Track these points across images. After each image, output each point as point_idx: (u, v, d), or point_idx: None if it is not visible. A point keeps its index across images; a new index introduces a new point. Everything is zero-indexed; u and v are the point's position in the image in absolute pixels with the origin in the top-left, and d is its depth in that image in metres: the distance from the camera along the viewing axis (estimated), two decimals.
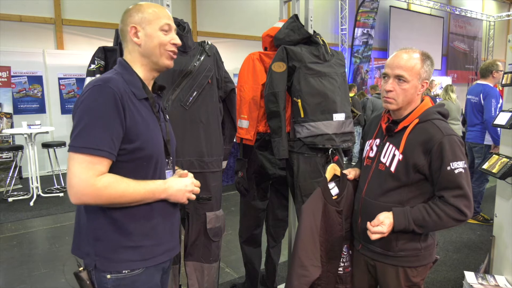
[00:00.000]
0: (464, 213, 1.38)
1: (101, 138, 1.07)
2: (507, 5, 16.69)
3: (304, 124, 2.06)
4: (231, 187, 5.21)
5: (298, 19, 2.18)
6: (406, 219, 1.42)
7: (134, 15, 1.22)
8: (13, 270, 3.15)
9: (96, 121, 1.07)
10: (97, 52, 2.06)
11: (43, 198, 5.12)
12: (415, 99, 1.50)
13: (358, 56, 10.97)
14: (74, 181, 1.05)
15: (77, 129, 1.08)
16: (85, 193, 1.06)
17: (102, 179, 1.07)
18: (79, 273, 1.17)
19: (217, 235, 2.09)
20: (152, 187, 1.16)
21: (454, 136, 1.41)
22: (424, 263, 1.53)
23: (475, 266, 3.09)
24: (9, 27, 6.27)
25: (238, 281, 2.89)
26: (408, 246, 1.49)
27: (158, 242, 1.23)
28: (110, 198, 1.09)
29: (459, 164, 1.37)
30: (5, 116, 5.61)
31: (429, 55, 1.50)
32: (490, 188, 5.37)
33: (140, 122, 1.15)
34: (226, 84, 2.17)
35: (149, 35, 1.21)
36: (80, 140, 1.07)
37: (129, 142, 1.13)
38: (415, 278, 1.53)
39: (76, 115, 1.10)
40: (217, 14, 8.73)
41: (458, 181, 1.37)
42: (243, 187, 2.41)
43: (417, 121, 1.46)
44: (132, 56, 1.24)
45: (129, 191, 1.11)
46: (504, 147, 2.58)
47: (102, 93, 1.09)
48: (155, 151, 1.20)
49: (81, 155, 1.06)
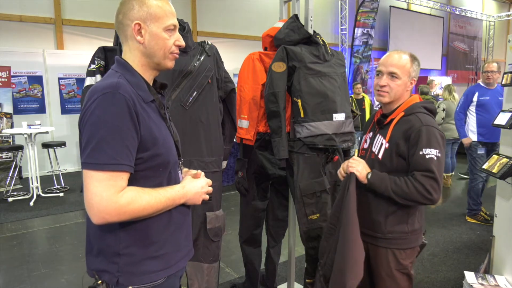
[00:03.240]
0: (430, 192, 1.50)
1: (119, 151, 0.99)
2: (507, 5, 16.68)
3: (304, 124, 2.06)
4: (231, 187, 5.21)
5: (298, 19, 2.18)
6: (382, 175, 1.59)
7: (138, 8, 1.09)
8: (13, 270, 3.15)
9: (112, 134, 0.98)
10: (97, 52, 2.06)
11: (43, 198, 5.12)
12: (404, 95, 1.68)
13: (358, 56, 10.97)
14: (95, 201, 0.98)
15: (91, 143, 0.98)
16: (108, 212, 0.98)
17: (124, 195, 1.00)
18: (96, 286, 1.10)
19: (217, 235, 2.09)
20: (172, 194, 1.10)
21: (433, 128, 1.56)
22: (412, 245, 1.68)
23: (475, 266, 3.09)
24: (9, 27, 6.27)
25: (238, 281, 2.89)
26: (396, 228, 1.65)
27: (177, 248, 1.19)
28: (134, 213, 1.02)
29: (431, 151, 1.52)
30: (5, 116, 5.61)
31: (416, 57, 1.70)
32: (490, 188, 5.37)
33: (153, 128, 1.07)
34: (226, 84, 2.17)
35: (154, 35, 1.10)
36: (98, 156, 0.97)
37: (145, 150, 1.05)
38: (404, 260, 1.67)
39: (87, 127, 1.00)
40: (217, 14, 8.73)
41: (427, 164, 1.51)
42: (243, 187, 2.41)
43: (403, 114, 1.64)
44: (133, 54, 1.13)
45: (152, 202, 1.04)
46: (504, 147, 2.58)
47: (114, 101, 0.99)
48: (170, 154, 1.14)
49: (101, 172, 0.98)
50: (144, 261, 1.10)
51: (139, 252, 1.09)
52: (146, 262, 1.10)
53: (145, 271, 1.10)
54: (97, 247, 1.12)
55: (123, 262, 1.08)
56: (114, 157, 0.98)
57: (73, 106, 6.79)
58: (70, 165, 6.77)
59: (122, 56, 1.15)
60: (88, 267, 1.16)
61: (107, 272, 1.09)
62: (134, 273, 1.09)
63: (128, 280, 1.09)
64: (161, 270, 1.13)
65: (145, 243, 1.10)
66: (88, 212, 1.01)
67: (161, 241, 1.13)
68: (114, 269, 1.08)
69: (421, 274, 3.01)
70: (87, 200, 1.00)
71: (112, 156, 0.98)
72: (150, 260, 1.11)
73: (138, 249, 1.09)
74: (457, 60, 14.96)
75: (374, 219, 1.67)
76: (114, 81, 1.04)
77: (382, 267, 1.68)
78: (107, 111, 0.99)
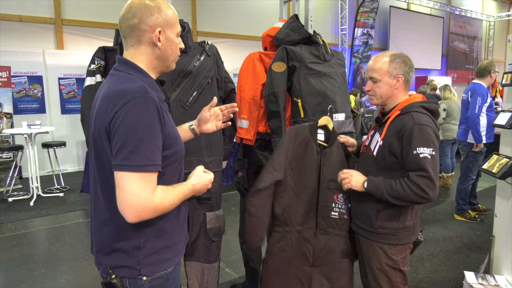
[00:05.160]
0: (425, 191, 1.51)
1: (154, 153, 1.05)
2: (507, 5, 16.68)
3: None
4: (231, 187, 5.20)
5: (298, 19, 2.19)
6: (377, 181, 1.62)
7: (157, 15, 1.13)
8: (13, 270, 3.15)
9: (147, 136, 1.04)
10: (97, 52, 2.06)
11: (43, 198, 5.12)
12: (394, 94, 1.70)
13: (358, 56, 10.97)
14: (134, 201, 1.02)
15: (128, 146, 1.02)
16: (145, 211, 1.04)
17: (156, 194, 1.07)
18: (112, 281, 1.14)
19: (217, 235, 2.09)
20: (185, 190, 1.19)
21: (425, 126, 1.56)
22: (403, 242, 1.70)
23: (475, 266, 3.09)
24: (9, 27, 6.27)
25: (238, 281, 2.89)
26: (387, 224, 1.68)
27: (184, 235, 1.31)
28: (164, 210, 1.10)
29: (425, 149, 1.52)
30: (5, 116, 5.61)
31: (401, 54, 1.71)
32: (490, 188, 5.37)
33: (172, 126, 1.16)
34: (226, 84, 2.17)
35: (170, 40, 1.17)
36: (136, 158, 1.02)
37: (168, 148, 1.13)
38: (394, 256, 1.69)
39: (121, 130, 1.03)
40: (217, 14, 8.73)
41: (421, 164, 1.51)
42: (243, 187, 2.41)
43: (398, 113, 1.65)
44: (145, 58, 1.16)
45: (175, 199, 1.13)
46: (504, 147, 2.58)
47: (146, 105, 1.05)
48: (183, 150, 1.23)
49: (138, 173, 1.03)
50: (160, 251, 1.18)
51: (156, 243, 1.17)
52: (162, 252, 1.18)
53: (161, 260, 1.18)
54: (111, 245, 1.16)
55: (143, 255, 1.15)
56: (151, 158, 1.04)
57: (73, 106, 6.79)
58: (70, 165, 6.78)
59: (128, 57, 1.16)
60: (100, 264, 1.20)
61: (126, 267, 1.15)
62: (153, 263, 1.16)
63: (147, 270, 1.15)
64: (173, 257, 1.22)
65: (161, 234, 1.18)
66: (124, 212, 1.04)
67: (173, 231, 1.22)
68: (134, 262, 1.14)
69: (421, 274, 3.01)
70: (125, 200, 1.03)
71: (149, 158, 1.04)
72: (164, 249, 1.19)
73: (155, 241, 1.17)
74: (457, 60, 14.96)
75: (366, 213, 1.72)
76: (140, 84, 1.08)
77: (374, 261, 1.72)
78: (141, 114, 1.04)
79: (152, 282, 1.16)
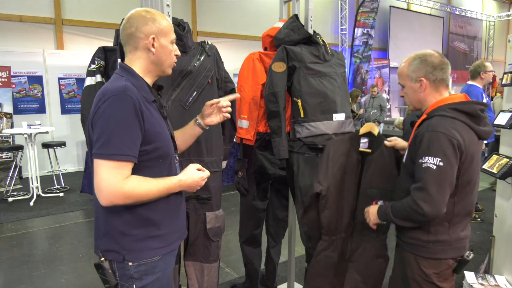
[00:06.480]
0: (418, 205, 1.41)
1: (126, 144, 1.17)
2: (507, 5, 16.68)
3: (304, 124, 2.06)
4: (231, 187, 5.20)
5: (298, 19, 2.18)
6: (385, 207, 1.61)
7: (151, 24, 1.28)
8: (13, 270, 3.15)
9: (120, 129, 1.16)
10: (97, 52, 2.06)
11: (43, 198, 5.12)
12: (422, 97, 1.59)
13: (358, 56, 10.97)
14: (103, 185, 1.15)
15: (103, 137, 1.16)
16: (115, 196, 1.16)
17: (128, 182, 1.17)
18: (101, 263, 1.26)
19: (217, 235, 2.09)
20: (168, 184, 1.27)
21: (440, 133, 1.42)
22: (435, 256, 1.55)
23: (475, 266, 3.09)
24: (9, 27, 6.27)
25: (238, 281, 2.89)
26: (416, 235, 1.56)
27: (174, 229, 1.37)
28: (136, 198, 1.20)
29: (429, 159, 1.41)
30: (5, 116, 5.61)
31: (422, 53, 1.58)
32: (490, 188, 5.37)
33: (155, 124, 1.26)
34: (226, 84, 2.17)
35: (164, 46, 1.30)
36: (108, 148, 1.15)
37: (148, 143, 1.23)
38: (427, 269, 1.55)
39: (99, 124, 1.17)
40: (217, 14, 8.73)
41: (422, 175, 1.42)
42: (243, 187, 2.41)
43: (425, 117, 1.54)
44: (141, 62, 1.30)
45: (152, 190, 1.22)
46: (504, 147, 2.58)
47: (122, 102, 1.17)
48: (169, 147, 1.32)
49: (109, 161, 1.15)
50: (145, 240, 1.27)
51: (141, 232, 1.27)
52: (147, 241, 1.28)
53: (145, 248, 1.27)
54: (104, 229, 1.28)
55: (127, 241, 1.25)
56: (122, 149, 1.16)
57: (73, 106, 6.79)
58: (70, 165, 6.78)
59: (126, 62, 1.33)
60: (96, 247, 1.32)
61: (113, 251, 1.26)
62: (136, 250, 1.26)
63: (131, 256, 1.26)
64: (159, 248, 1.31)
65: (146, 224, 1.27)
66: (97, 196, 1.18)
67: (161, 223, 1.30)
68: (119, 248, 1.25)
69: None
70: (97, 184, 1.17)
71: (120, 148, 1.16)
72: (150, 239, 1.28)
73: (140, 230, 1.26)
74: (457, 60, 14.95)
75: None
76: (122, 84, 1.22)
77: (407, 270, 1.62)
78: (116, 110, 1.17)
79: (138, 268, 1.26)
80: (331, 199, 1.89)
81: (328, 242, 1.94)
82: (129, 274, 1.26)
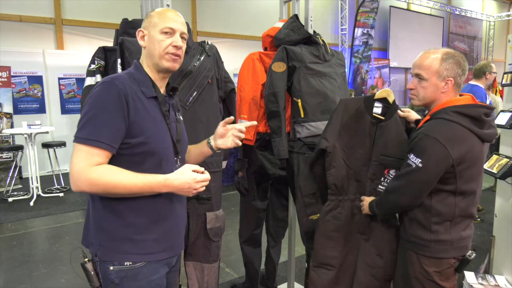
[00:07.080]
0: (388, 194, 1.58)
1: (102, 130, 1.13)
2: (507, 5, 16.68)
3: (304, 124, 2.06)
4: (231, 187, 5.20)
5: (298, 19, 2.18)
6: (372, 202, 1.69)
7: (145, 20, 1.31)
8: (13, 270, 3.15)
9: (99, 115, 1.13)
10: (97, 52, 2.06)
11: (43, 198, 5.12)
12: (439, 97, 1.54)
13: (358, 56, 10.97)
14: (73, 169, 1.13)
15: (82, 121, 1.15)
16: (81, 181, 1.11)
17: (97, 169, 1.12)
18: (84, 264, 1.24)
19: (217, 235, 2.09)
20: (150, 181, 1.16)
21: (432, 138, 1.42)
22: (437, 255, 1.56)
23: (475, 266, 3.09)
24: (9, 27, 6.27)
25: (238, 281, 2.89)
26: (417, 233, 1.58)
27: (158, 238, 1.26)
28: (104, 187, 1.13)
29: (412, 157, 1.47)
30: (5, 116, 5.61)
31: (455, 54, 1.52)
32: (490, 188, 5.36)
33: (145, 119, 1.20)
34: (226, 84, 2.17)
35: (151, 37, 1.27)
36: (83, 132, 1.13)
37: (132, 137, 1.17)
38: (428, 267, 1.56)
39: (84, 108, 1.17)
40: (217, 14, 8.73)
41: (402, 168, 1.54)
42: (243, 187, 2.41)
43: (428, 117, 1.53)
44: (143, 59, 1.31)
45: (124, 182, 1.13)
46: (504, 147, 2.58)
47: (108, 88, 1.16)
48: (159, 147, 1.23)
49: (82, 146, 1.12)
50: (120, 240, 1.21)
51: (117, 231, 1.21)
52: (122, 242, 1.21)
53: (122, 251, 1.21)
54: (90, 220, 1.27)
55: (103, 236, 1.22)
56: (96, 134, 1.12)
57: (73, 106, 6.79)
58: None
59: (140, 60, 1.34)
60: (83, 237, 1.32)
61: (92, 245, 1.25)
62: (111, 249, 1.22)
63: (105, 255, 1.22)
64: (139, 254, 1.23)
65: (124, 223, 1.21)
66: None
67: (140, 226, 1.23)
68: (97, 242, 1.23)
69: None
70: (70, 168, 1.14)
71: (95, 133, 1.12)
72: (126, 241, 1.22)
73: (117, 228, 1.21)
74: None
75: (402, 219, 1.68)
76: (117, 74, 1.22)
77: (409, 268, 1.63)
78: (100, 96, 1.16)
79: (119, 273, 1.21)
80: (337, 157, 1.82)
81: (335, 203, 1.87)
82: (110, 279, 1.22)
